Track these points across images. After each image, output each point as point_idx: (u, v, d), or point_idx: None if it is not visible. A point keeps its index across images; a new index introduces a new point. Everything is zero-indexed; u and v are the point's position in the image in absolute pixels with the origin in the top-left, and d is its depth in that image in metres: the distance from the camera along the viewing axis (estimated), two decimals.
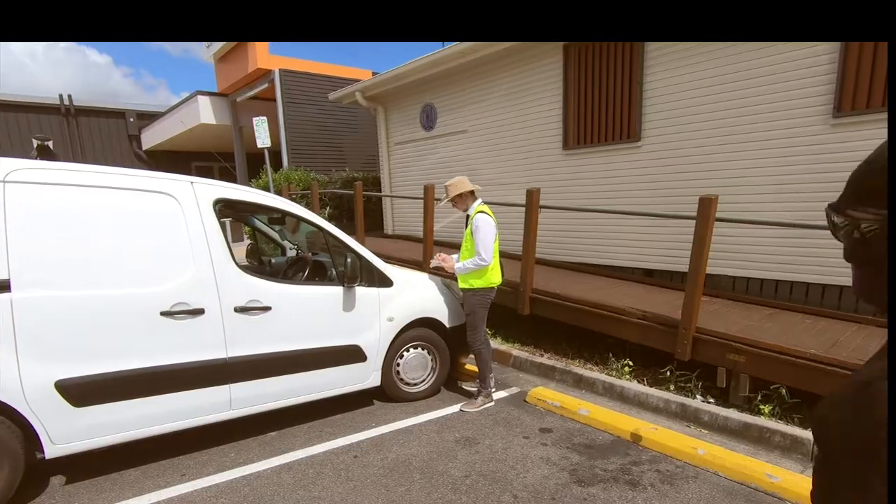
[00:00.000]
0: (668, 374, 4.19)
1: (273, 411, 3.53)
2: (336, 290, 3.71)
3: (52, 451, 2.76)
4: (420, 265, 6.08)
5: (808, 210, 4.74)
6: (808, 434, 3.22)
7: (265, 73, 12.26)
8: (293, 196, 9.84)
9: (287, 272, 4.63)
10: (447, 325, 4.31)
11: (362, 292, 3.83)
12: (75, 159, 15.05)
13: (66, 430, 2.77)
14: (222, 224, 3.32)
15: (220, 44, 12.89)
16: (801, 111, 4.72)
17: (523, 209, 5.06)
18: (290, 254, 5.31)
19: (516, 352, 5.02)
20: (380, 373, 3.96)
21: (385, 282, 3.99)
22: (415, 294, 4.19)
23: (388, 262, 4.29)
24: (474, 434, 3.58)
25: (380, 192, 10.52)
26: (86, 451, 2.88)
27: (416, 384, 4.21)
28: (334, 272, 3.90)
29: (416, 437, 3.56)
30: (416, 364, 4.18)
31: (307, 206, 9.27)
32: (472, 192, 3.97)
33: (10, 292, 2.58)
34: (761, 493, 2.85)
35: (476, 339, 4.00)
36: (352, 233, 6.60)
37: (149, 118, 16.26)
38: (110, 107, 16.33)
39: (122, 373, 2.87)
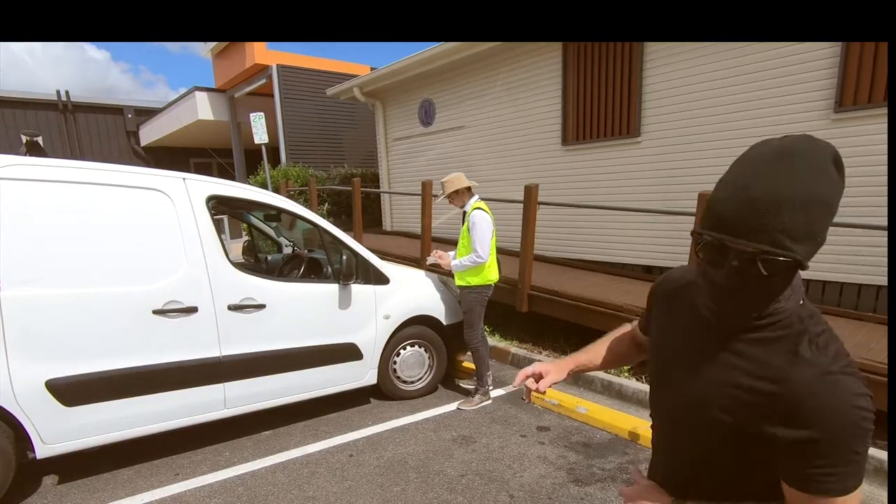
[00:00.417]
0: None
1: (268, 410, 3.50)
2: (332, 288, 3.68)
3: (43, 450, 2.73)
4: (418, 262, 6.04)
5: None
6: None
7: (263, 69, 12.19)
8: (291, 193, 9.80)
9: (283, 269, 4.60)
10: (444, 323, 4.28)
11: (358, 290, 3.80)
12: (73, 156, 15.01)
13: (58, 430, 2.74)
14: (218, 221, 3.29)
15: None
16: (802, 105, 4.67)
17: (521, 205, 5.02)
18: (287, 251, 5.28)
19: (514, 349, 4.99)
20: (376, 371, 3.94)
21: (381, 279, 3.95)
22: (411, 291, 4.16)
23: (385, 259, 4.26)
24: (471, 432, 3.56)
25: (378, 188, 10.48)
26: (78, 451, 2.85)
27: (412, 382, 4.18)
28: (330, 269, 3.87)
29: (413, 435, 3.53)
30: (413, 362, 4.15)
31: (305, 202, 9.25)
32: (468, 189, 3.93)
33: (0, 290, 2.55)
34: None
35: (473, 337, 3.97)
36: (350, 229, 6.58)
37: (147, 114, 16.20)
38: (108, 103, 16.27)
39: (114, 372, 2.84)
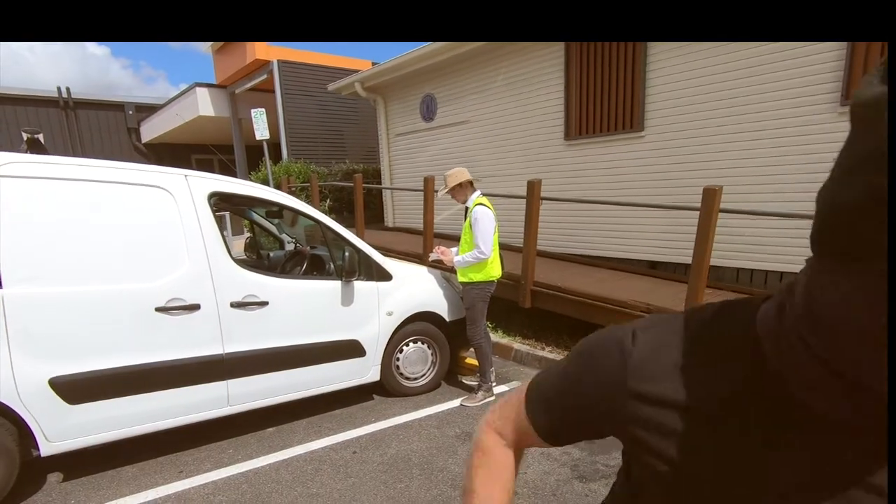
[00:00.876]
0: None
1: (271, 407, 3.50)
2: (334, 285, 3.67)
3: (47, 448, 2.73)
4: (420, 258, 6.03)
5: (813, 201, 4.65)
6: None
7: (263, 64, 12.15)
8: (292, 189, 9.79)
9: (285, 266, 4.59)
10: (447, 319, 4.27)
11: (361, 286, 3.79)
12: (74, 152, 15.01)
13: (62, 428, 2.74)
14: (220, 218, 3.28)
15: None
16: (807, 99, 4.63)
17: (524, 201, 5.00)
18: (289, 247, 5.28)
19: (517, 345, 4.99)
20: (379, 367, 3.93)
21: (384, 276, 3.95)
22: (414, 288, 4.15)
23: (387, 256, 4.24)
24: (475, 429, 3.54)
25: (380, 184, 10.46)
26: (82, 449, 2.86)
27: (415, 379, 4.18)
28: (332, 266, 3.86)
29: (416, 432, 3.53)
30: (416, 358, 4.15)
31: (307, 198, 9.23)
32: (470, 183, 3.92)
33: (2, 288, 2.55)
34: None
35: (476, 333, 3.96)
36: (351, 226, 6.56)
37: (148, 111, 16.17)
38: (109, 99, 16.24)
39: (117, 370, 2.84)
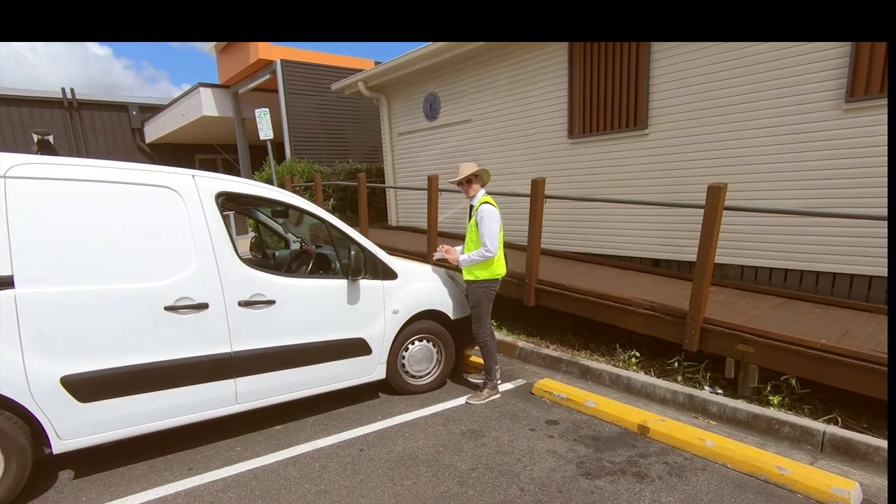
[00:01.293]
0: (676, 365, 4.17)
1: (278, 405, 3.54)
2: (340, 283, 3.70)
3: (59, 446, 2.78)
4: (424, 257, 6.06)
5: (818, 198, 4.68)
6: (817, 425, 3.20)
7: (267, 64, 12.20)
8: (296, 188, 9.84)
9: (291, 265, 4.63)
10: (452, 317, 4.30)
11: (366, 285, 3.82)
12: (78, 153, 15.10)
13: (73, 426, 2.78)
14: (225, 217, 3.31)
15: None
16: (812, 96, 4.64)
17: (528, 199, 5.02)
18: (294, 247, 5.31)
19: (522, 343, 5.01)
20: (385, 366, 3.97)
21: (389, 274, 3.98)
22: (419, 286, 4.18)
23: (392, 255, 4.27)
24: (480, 427, 3.59)
25: (383, 183, 10.49)
26: (93, 446, 2.90)
27: (421, 377, 4.21)
28: (338, 265, 3.90)
29: (422, 429, 3.56)
30: (422, 356, 4.18)
31: (310, 198, 9.27)
32: (478, 178, 3.96)
33: (14, 288, 2.59)
34: (771, 485, 2.83)
35: (481, 331, 3.99)
36: (355, 224, 6.59)
37: (151, 111, 16.25)
38: (113, 100, 16.34)
39: (127, 368, 2.88)
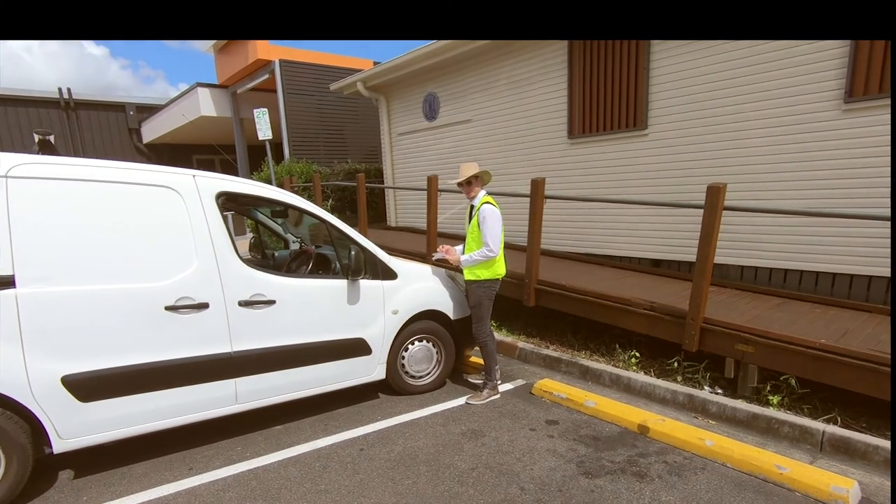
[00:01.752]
0: (676, 365, 4.20)
1: (278, 405, 3.57)
2: (340, 284, 3.73)
3: (59, 445, 2.80)
4: (424, 257, 6.08)
5: (817, 198, 4.72)
6: (817, 424, 3.23)
7: (265, 64, 12.24)
8: (295, 188, 9.86)
9: (290, 265, 4.65)
10: (452, 318, 4.32)
11: (366, 285, 3.85)
12: (75, 153, 15.11)
13: (74, 425, 2.81)
14: (225, 217, 3.34)
15: None
16: (811, 96, 4.68)
17: (528, 199, 5.05)
18: (294, 247, 5.34)
19: (521, 344, 5.04)
20: (385, 366, 4.00)
21: (389, 274, 4.01)
22: (419, 286, 4.21)
23: (391, 255, 4.30)
24: (480, 427, 3.61)
25: (383, 183, 10.52)
26: (93, 446, 2.92)
27: (421, 377, 4.24)
28: (338, 265, 3.92)
29: (422, 429, 3.59)
30: (422, 357, 4.21)
31: (309, 198, 9.29)
32: (479, 178, 3.99)
33: (15, 288, 2.62)
34: (770, 483, 2.86)
35: (482, 332, 4.02)
36: (354, 225, 6.61)
37: (149, 111, 16.29)
38: (110, 100, 16.37)
39: (128, 368, 2.91)
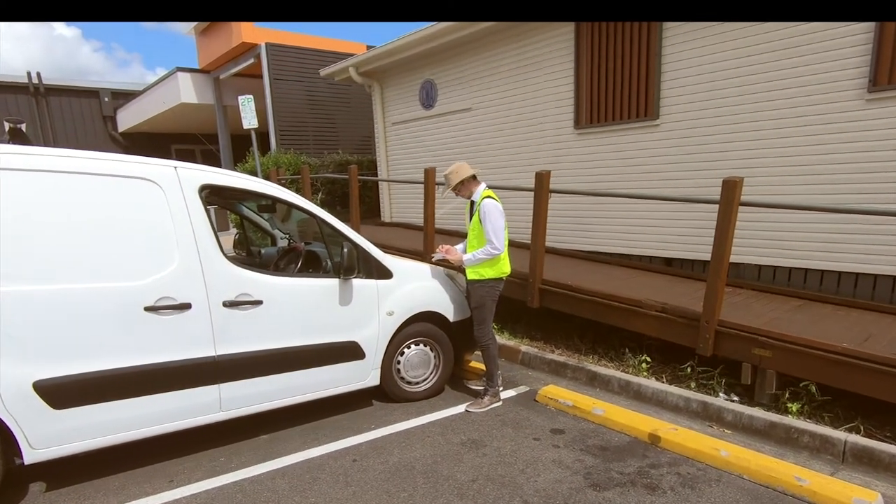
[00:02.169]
0: (689, 370, 4.21)
1: (266, 413, 3.55)
2: (331, 283, 3.71)
3: (31, 455, 2.77)
4: (420, 255, 6.07)
5: (840, 193, 4.73)
6: (838, 434, 3.24)
7: (251, 48, 12.17)
8: (282, 181, 9.83)
9: (278, 263, 4.63)
10: (451, 320, 4.31)
11: (360, 285, 3.83)
12: (46, 142, 15.00)
13: (47, 434, 2.78)
14: (208, 212, 3.32)
15: None
16: (833, 85, 4.69)
17: (532, 193, 5.05)
18: (281, 243, 5.32)
19: (525, 348, 5.04)
20: (379, 371, 3.98)
21: (384, 273, 3.99)
22: (416, 286, 4.19)
23: (386, 252, 4.28)
24: (481, 436, 3.61)
25: (376, 176, 10.49)
26: (67, 456, 2.90)
27: (417, 383, 4.23)
28: (329, 263, 3.91)
29: (419, 439, 3.58)
30: (418, 361, 4.20)
31: (297, 191, 9.27)
32: (474, 177, 3.96)
33: None
34: (789, 496, 2.87)
35: (484, 334, 4.01)
36: (346, 220, 6.59)
37: (125, 97, 16.20)
38: (83, 85, 16.26)
39: (105, 372, 2.88)
